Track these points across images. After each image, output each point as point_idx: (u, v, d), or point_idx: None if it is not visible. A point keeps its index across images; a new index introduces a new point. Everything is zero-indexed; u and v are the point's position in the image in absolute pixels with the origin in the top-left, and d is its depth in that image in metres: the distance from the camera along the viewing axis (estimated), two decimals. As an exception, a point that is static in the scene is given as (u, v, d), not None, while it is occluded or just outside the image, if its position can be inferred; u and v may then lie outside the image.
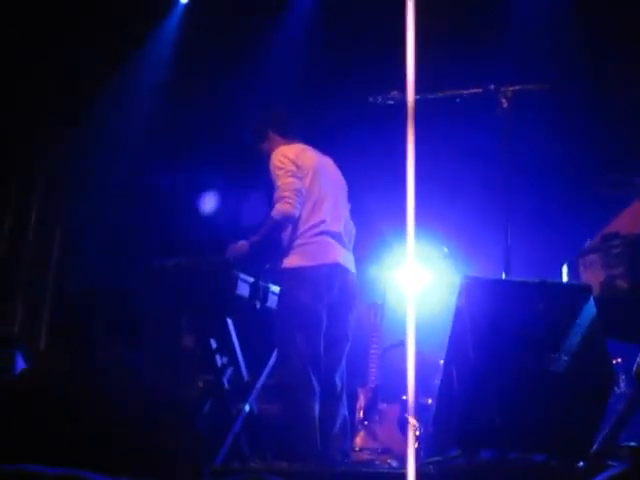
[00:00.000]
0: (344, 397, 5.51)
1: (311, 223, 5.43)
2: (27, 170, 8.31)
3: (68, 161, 8.29)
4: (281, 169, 5.42)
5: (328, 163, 5.78)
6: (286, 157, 5.47)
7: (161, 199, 8.30)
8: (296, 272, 5.39)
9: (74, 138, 8.16)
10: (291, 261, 5.42)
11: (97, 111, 8.21)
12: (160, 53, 8.63)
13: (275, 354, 5.74)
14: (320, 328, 5.36)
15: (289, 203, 5.32)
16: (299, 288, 5.35)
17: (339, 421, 5.39)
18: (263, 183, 5.73)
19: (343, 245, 5.56)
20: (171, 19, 8.62)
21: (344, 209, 5.73)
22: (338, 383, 5.46)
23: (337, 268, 5.44)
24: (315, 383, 5.27)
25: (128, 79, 8.43)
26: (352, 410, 6.79)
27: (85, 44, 7.94)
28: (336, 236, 5.51)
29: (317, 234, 5.43)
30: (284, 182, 5.37)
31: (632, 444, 4.36)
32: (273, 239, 5.46)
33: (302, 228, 5.41)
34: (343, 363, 5.54)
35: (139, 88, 8.58)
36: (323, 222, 5.46)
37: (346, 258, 5.55)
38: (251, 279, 5.70)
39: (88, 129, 8.18)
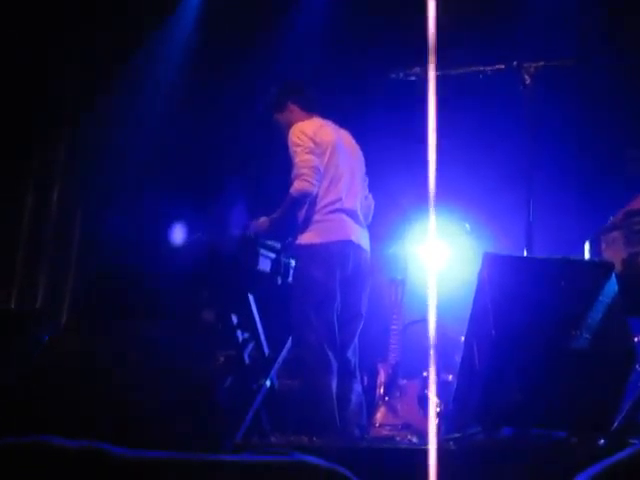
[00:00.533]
0: (357, 373, 5.54)
1: (327, 201, 5.44)
2: (47, 151, 8.34)
3: (88, 141, 8.30)
4: (299, 145, 5.41)
5: (346, 138, 5.76)
6: (304, 134, 5.46)
7: (183, 178, 8.31)
8: (309, 249, 5.42)
9: (95, 120, 8.18)
10: (305, 238, 5.45)
11: (117, 92, 8.21)
12: (181, 35, 8.60)
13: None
14: (333, 304, 5.38)
15: (307, 180, 5.32)
16: (312, 265, 5.38)
17: (354, 397, 5.42)
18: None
19: (358, 222, 5.57)
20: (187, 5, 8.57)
21: (361, 185, 5.73)
22: (352, 359, 5.50)
23: (350, 245, 5.45)
24: (332, 359, 5.29)
25: (145, 63, 8.42)
26: (373, 386, 6.81)
27: (104, 28, 7.94)
28: (351, 213, 5.52)
29: (332, 211, 5.44)
30: (302, 159, 5.37)
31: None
32: (293, 216, 5.47)
33: (318, 205, 5.42)
34: (356, 340, 5.56)
35: (158, 71, 8.57)
36: (339, 200, 5.46)
37: (360, 235, 5.55)
38: (272, 255, 5.71)
39: (109, 109, 8.18)
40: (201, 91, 8.30)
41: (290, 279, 5.77)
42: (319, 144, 5.45)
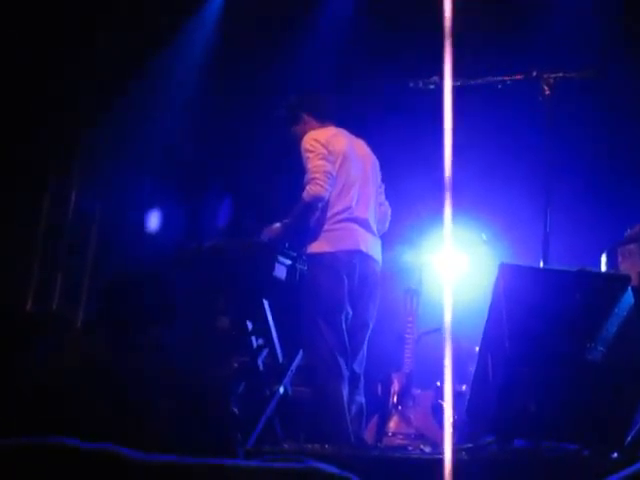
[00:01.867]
0: (361, 385, 5.53)
1: (337, 209, 5.45)
2: (66, 150, 8.35)
3: (106, 143, 8.32)
4: (312, 152, 5.44)
5: (359, 147, 5.78)
6: (317, 141, 5.49)
7: (199, 179, 8.32)
8: (318, 257, 5.43)
9: (112, 124, 8.19)
10: (314, 247, 5.46)
11: (138, 90, 8.22)
12: (201, 34, 8.62)
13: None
14: (342, 312, 5.40)
15: (319, 185, 5.33)
16: (320, 273, 5.39)
17: (354, 407, 5.41)
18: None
19: (370, 231, 5.57)
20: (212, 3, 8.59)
21: (374, 194, 5.72)
22: (357, 370, 5.50)
23: (359, 255, 5.46)
24: (343, 366, 5.30)
25: (169, 62, 8.43)
26: (386, 395, 6.81)
27: (124, 27, 7.96)
28: (362, 222, 5.52)
29: (342, 220, 5.45)
30: (315, 164, 5.39)
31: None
32: (306, 221, 5.47)
33: (328, 214, 5.44)
34: (363, 351, 5.56)
35: (176, 72, 8.58)
36: (349, 208, 5.47)
37: (370, 245, 5.55)
38: (288, 261, 5.71)
39: (125, 113, 8.20)
40: (218, 96, 8.31)
41: (304, 287, 5.77)
42: (332, 152, 5.47)
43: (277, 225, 5.57)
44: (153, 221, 8.17)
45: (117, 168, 8.30)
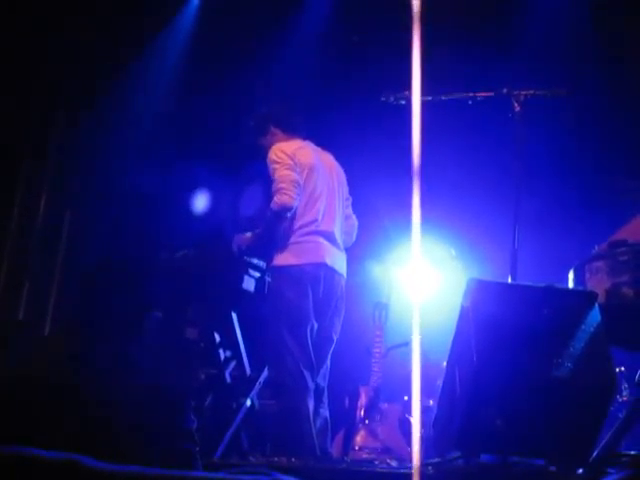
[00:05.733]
0: (325, 398, 5.53)
1: (303, 222, 5.46)
2: (37, 154, 8.31)
3: (78, 146, 8.28)
4: (278, 162, 5.46)
5: (326, 160, 5.80)
6: (283, 152, 5.51)
7: (171, 187, 8.30)
8: (283, 270, 5.44)
9: (86, 122, 8.16)
10: (279, 259, 5.47)
11: (110, 96, 8.20)
12: (176, 42, 8.61)
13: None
14: (307, 325, 5.40)
15: (287, 194, 5.35)
16: (285, 286, 5.40)
17: (319, 421, 5.41)
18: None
19: (335, 245, 5.58)
20: (185, 14, 8.60)
21: (340, 207, 5.74)
22: (321, 384, 5.50)
23: (323, 268, 5.46)
24: (308, 379, 5.30)
25: (142, 67, 8.42)
26: (353, 408, 6.80)
27: (101, 30, 7.93)
28: (328, 236, 5.54)
29: (308, 233, 5.46)
30: (281, 174, 5.41)
31: (632, 452, 4.35)
32: (276, 231, 5.47)
33: (294, 227, 5.46)
34: (327, 364, 5.56)
35: (153, 75, 8.57)
36: (315, 221, 5.49)
37: (335, 259, 5.56)
38: (257, 274, 5.71)
39: (100, 113, 8.17)
40: (194, 103, 8.30)
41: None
42: (297, 164, 5.49)
43: (248, 234, 5.58)
44: (123, 230, 8.12)
45: (87, 176, 8.27)
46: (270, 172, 5.48)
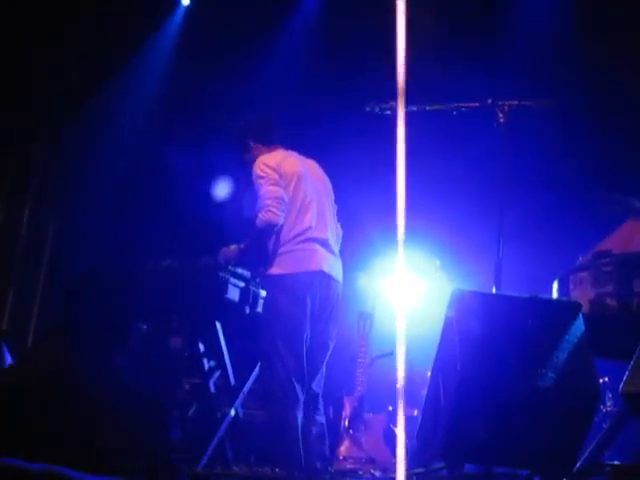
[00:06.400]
0: (320, 405, 5.51)
1: (296, 230, 5.44)
2: (21, 168, 8.29)
3: (62, 160, 8.27)
4: (262, 177, 5.43)
5: (312, 167, 5.78)
6: (267, 165, 5.48)
7: (155, 198, 8.29)
8: (278, 279, 5.41)
9: (68, 137, 8.15)
10: (274, 269, 5.44)
11: (91, 111, 8.20)
12: (159, 56, 8.62)
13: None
14: (302, 335, 5.37)
15: (271, 211, 5.33)
16: (281, 295, 5.37)
17: (315, 428, 5.39)
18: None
19: (330, 251, 5.56)
20: (172, 22, 8.61)
21: (330, 213, 5.72)
22: (316, 390, 5.47)
23: (320, 275, 5.44)
24: (298, 391, 5.27)
25: (125, 81, 8.42)
26: (338, 418, 6.79)
27: (85, 44, 7.93)
28: (323, 242, 5.52)
29: (303, 241, 5.44)
30: (266, 190, 5.39)
31: (615, 463, 4.36)
32: (261, 245, 5.46)
33: (288, 236, 5.42)
34: (322, 371, 5.54)
35: (136, 90, 8.57)
36: (309, 229, 5.47)
37: (332, 265, 5.54)
38: (241, 284, 5.70)
39: (83, 128, 8.16)
40: (177, 117, 8.31)
41: (259, 309, 5.76)
42: (283, 175, 5.46)
43: (234, 247, 5.57)
44: (108, 239, 8.11)
45: (71, 189, 8.25)
46: (255, 187, 5.47)
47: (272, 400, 5.31)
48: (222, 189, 8.18)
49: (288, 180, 5.47)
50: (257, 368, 5.87)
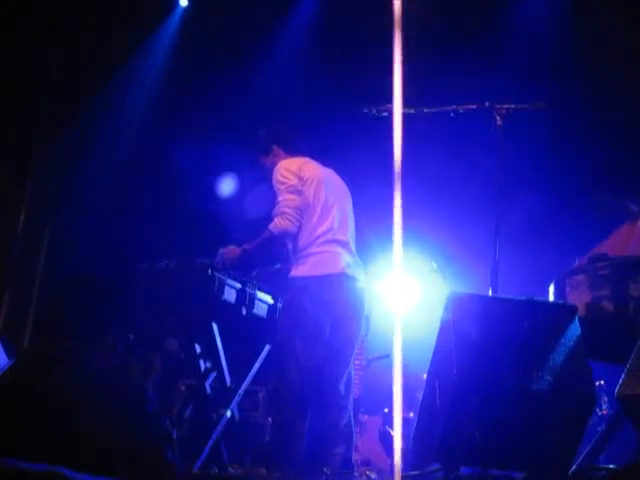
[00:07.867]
0: (349, 405, 5.48)
1: (320, 232, 5.44)
2: (17, 170, 8.29)
3: (59, 161, 8.27)
4: (283, 184, 5.44)
5: (331, 174, 5.79)
6: (288, 170, 5.49)
7: (153, 199, 8.30)
8: (302, 282, 5.39)
9: (65, 139, 8.14)
10: (298, 271, 5.42)
11: (89, 112, 8.20)
12: (158, 57, 8.63)
13: (258, 362, 5.74)
14: (321, 339, 5.34)
15: (288, 219, 5.34)
16: (303, 298, 5.34)
17: (342, 429, 5.37)
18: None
19: (351, 253, 5.56)
20: (166, 31, 8.61)
21: (350, 218, 5.74)
22: (342, 390, 5.44)
23: (343, 277, 5.42)
24: (308, 395, 5.25)
25: (123, 82, 8.42)
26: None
27: (83, 46, 7.94)
28: (344, 244, 5.52)
29: (325, 242, 5.43)
30: (285, 198, 5.40)
31: (611, 466, 4.36)
32: (266, 252, 5.47)
33: (310, 237, 5.42)
34: (349, 370, 5.52)
35: (135, 91, 8.57)
36: (330, 230, 5.47)
37: (354, 267, 5.53)
38: (238, 285, 5.69)
39: (79, 130, 8.16)
40: (175, 120, 8.31)
41: (255, 310, 5.75)
42: (304, 179, 5.47)
43: (234, 247, 5.56)
44: (105, 241, 8.11)
45: (68, 189, 8.25)
46: (275, 192, 5.48)
47: (281, 403, 5.30)
48: (220, 190, 8.19)
49: (309, 183, 5.47)
50: (254, 369, 5.86)
